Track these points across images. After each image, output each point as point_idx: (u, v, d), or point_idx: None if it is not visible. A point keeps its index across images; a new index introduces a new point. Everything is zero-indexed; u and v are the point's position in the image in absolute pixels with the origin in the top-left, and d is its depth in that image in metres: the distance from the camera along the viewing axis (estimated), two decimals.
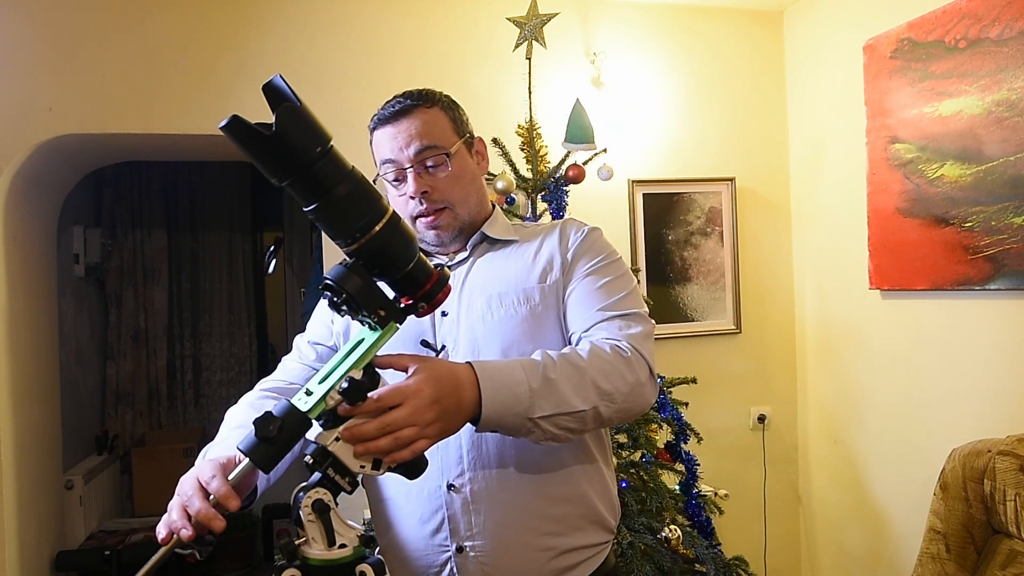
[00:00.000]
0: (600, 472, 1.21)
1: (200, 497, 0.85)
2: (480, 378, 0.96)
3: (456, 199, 1.20)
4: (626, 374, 1.06)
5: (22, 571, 2.52)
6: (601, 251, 1.21)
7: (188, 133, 2.49)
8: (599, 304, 1.15)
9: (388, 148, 1.19)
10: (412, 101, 1.20)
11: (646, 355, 1.10)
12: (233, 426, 1.08)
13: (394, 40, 2.65)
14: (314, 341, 1.26)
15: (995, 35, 2.13)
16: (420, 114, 1.19)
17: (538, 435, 1.01)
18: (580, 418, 1.02)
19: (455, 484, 1.11)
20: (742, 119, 3.01)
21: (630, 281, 1.20)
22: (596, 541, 1.18)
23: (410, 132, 1.17)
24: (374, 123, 1.23)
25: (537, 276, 1.18)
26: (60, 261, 3.28)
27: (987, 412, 2.23)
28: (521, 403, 0.97)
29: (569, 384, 1.01)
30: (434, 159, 1.18)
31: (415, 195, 1.17)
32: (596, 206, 2.78)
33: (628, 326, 1.13)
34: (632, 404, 1.08)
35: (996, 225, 2.15)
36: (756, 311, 3.02)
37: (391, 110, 1.20)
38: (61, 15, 2.40)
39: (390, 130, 1.19)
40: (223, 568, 3.94)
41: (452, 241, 1.23)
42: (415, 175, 1.17)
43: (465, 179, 1.22)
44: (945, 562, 1.86)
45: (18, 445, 2.51)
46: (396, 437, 0.88)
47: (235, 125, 0.79)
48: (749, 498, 2.96)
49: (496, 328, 1.15)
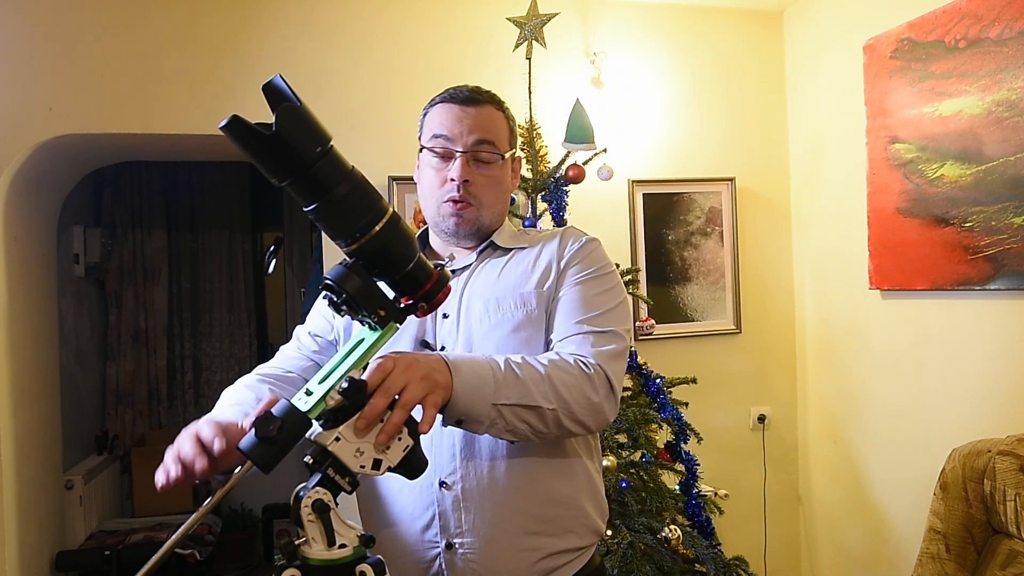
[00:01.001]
0: (589, 474, 1.23)
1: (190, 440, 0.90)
2: (449, 361, 0.99)
3: (487, 201, 1.23)
4: (586, 389, 1.08)
5: (22, 571, 2.52)
6: (595, 263, 1.23)
7: (188, 133, 2.49)
8: (579, 316, 1.16)
9: (449, 125, 1.21)
10: (486, 97, 1.24)
11: (610, 374, 1.12)
12: (231, 403, 1.09)
13: (394, 40, 2.65)
14: (314, 333, 1.27)
15: (995, 35, 2.13)
16: (491, 112, 1.24)
17: (500, 426, 1.02)
18: (541, 415, 1.04)
19: (447, 481, 1.12)
20: (742, 119, 3.01)
21: (617, 296, 1.22)
22: (583, 544, 1.19)
23: (477, 121, 1.21)
24: (441, 98, 1.25)
25: (535, 282, 1.20)
26: (60, 261, 3.28)
27: (987, 412, 2.23)
28: (487, 386, 1.00)
29: (532, 382, 1.04)
30: (488, 154, 1.22)
31: (457, 179, 1.19)
32: (596, 206, 2.78)
33: (601, 343, 1.14)
34: (587, 419, 1.10)
35: (996, 225, 2.15)
36: (756, 311, 3.02)
37: (465, 94, 1.23)
38: (61, 15, 2.40)
39: (458, 111, 1.22)
40: (223, 568, 3.95)
41: (465, 236, 1.25)
42: (464, 161, 1.20)
43: (501, 187, 1.26)
44: (945, 562, 1.86)
45: (18, 445, 2.51)
46: (403, 405, 0.89)
47: (235, 125, 0.79)
48: (749, 498, 2.96)
49: (492, 331, 1.17)
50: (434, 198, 1.23)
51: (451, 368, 0.98)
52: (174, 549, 0.85)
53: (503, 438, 1.07)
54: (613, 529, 2.04)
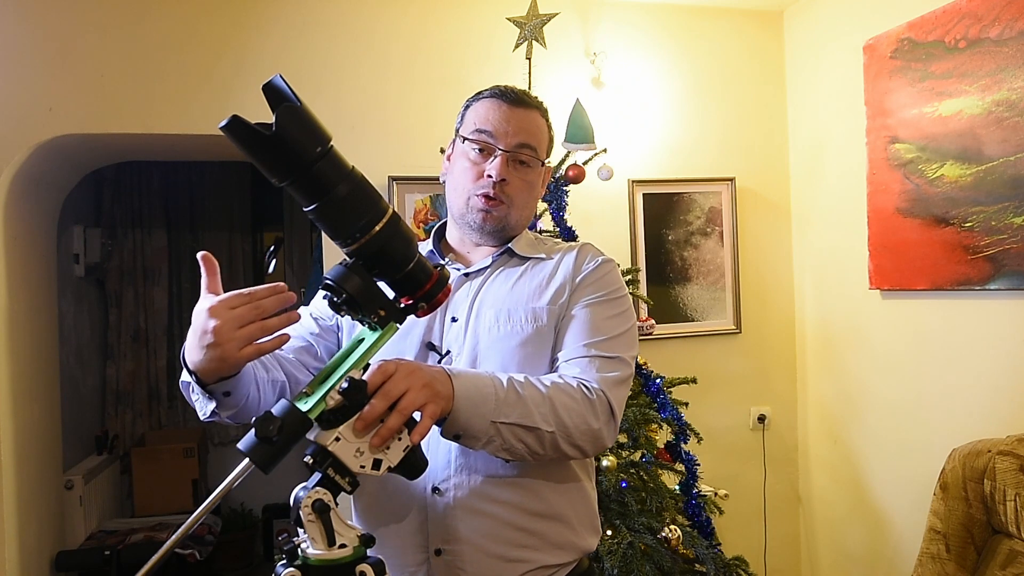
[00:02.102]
0: (584, 492, 1.23)
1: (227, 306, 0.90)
2: (452, 375, 0.99)
3: (518, 203, 1.24)
4: (586, 415, 1.08)
5: (22, 571, 2.52)
6: (607, 286, 1.23)
7: (188, 133, 2.49)
8: (587, 339, 1.16)
9: (495, 122, 1.21)
10: (534, 103, 1.26)
11: (613, 401, 1.12)
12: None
13: (394, 40, 2.65)
14: (316, 315, 1.26)
15: (995, 35, 2.13)
16: (536, 118, 1.25)
17: (497, 444, 1.03)
18: (539, 437, 1.05)
19: (440, 488, 1.12)
20: (742, 119, 3.01)
21: (627, 321, 1.22)
22: (570, 559, 1.19)
23: (525, 124, 1.22)
24: (491, 93, 1.25)
25: (548, 298, 1.20)
26: (60, 261, 3.28)
27: (987, 412, 2.23)
28: (487, 404, 1.00)
29: (533, 403, 1.04)
30: (528, 158, 1.23)
31: (496, 176, 1.20)
32: (596, 206, 2.78)
33: (606, 369, 1.14)
34: (586, 443, 1.10)
35: (996, 225, 2.15)
36: (756, 311, 3.02)
37: (515, 95, 1.24)
38: (61, 15, 2.40)
39: (507, 110, 1.22)
40: (223, 568, 3.95)
41: (489, 234, 1.25)
42: (504, 160, 1.20)
43: (533, 193, 1.27)
44: (945, 562, 1.86)
45: (18, 445, 2.51)
46: (401, 410, 0.90)
47: (235, 125, 0.79)
48: (749, 498, 2.96)
49: (499, 342, 1.16)
50: (466, 190, 1.23)
51: (453, 381, 0.99)
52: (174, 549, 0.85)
53: (499, 456, 1.06)
54: (613, 529, 2.04)
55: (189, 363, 0.94)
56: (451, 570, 1.12)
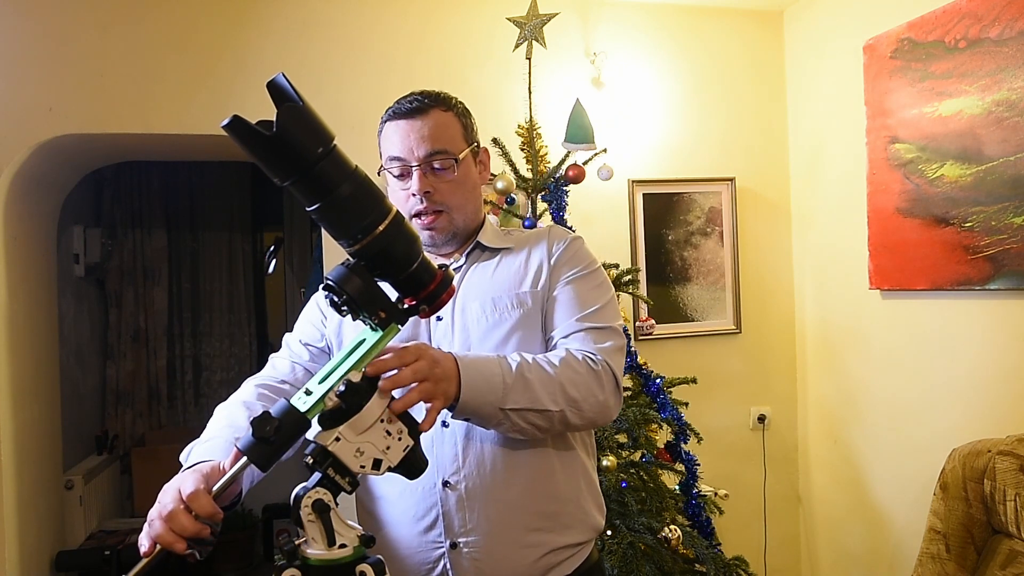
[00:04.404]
0: (587, 471, 1.25)
1: (183, 514, 0.84)
2: (460, 365, 1.02)
3: (455, 204, 1.23)
4: (594, 387, 1.12)
5: (22, 571, 2.52)
6: (582, 260, 1.26)
7: (188, 133, 2.49)
8: (578, 313, 1.19)
9: (399, 145, 1.21)
10: (430, 101, 1.22)
11: (615, 370, 1.16)
12: (222, 424, 1.08)
13: (394, 40, 2.65)
14: (305, 342, 1.27)
15: (995, 35, 2.13)
16: (436, 116, 1.21)
17: (507, 427, 1.06)
18: (548, 417, 1.08)
19: (450, 481, 1.13)
20: (742, 119, 3.01)
21: (608, 291, 1.25)
22: (583, 539, 1.21)
23: (423, 132, 1.19)
24: (388, 115, 1.24)
25: (529, 282, 1.22)
26: (60, 261, 3.28)
27: (987, 412, 2.23)
28: (495, 392, 1.03)
29: (541, 385, 1.07)
30: (441, 162, 1.20)
31: (418, 193, 1.19)
32: (596, 206, 2.78)
33: (602, 339, 1.18)
34: (596, 415, 1.14)
35: (996, 225, 2.15)
36: (756, 311, 3.02)
37: (408, 106, 1.21)
38: (60, 15, 2.40)
39: (404, 126, 1.20)
40: (223, 568, 3.94)
41: (444, 244, 1.26)
42: (420, 174, 1.19)
43: (467, 186, 1.25)
44: (945, 562, 1.86)
45: (18, 445, 2.51)
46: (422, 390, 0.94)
47: (237, 125, 0.79)
48: (749, 498, 2.96)
49: (490, 331, 1.18)
50: (406, 213, 1.22)
51: (460, 370, 1.01)
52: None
53: (509, 435, 1.10)
54: (613, 529, 2.04)
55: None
56: (470, 562, 1.13)
